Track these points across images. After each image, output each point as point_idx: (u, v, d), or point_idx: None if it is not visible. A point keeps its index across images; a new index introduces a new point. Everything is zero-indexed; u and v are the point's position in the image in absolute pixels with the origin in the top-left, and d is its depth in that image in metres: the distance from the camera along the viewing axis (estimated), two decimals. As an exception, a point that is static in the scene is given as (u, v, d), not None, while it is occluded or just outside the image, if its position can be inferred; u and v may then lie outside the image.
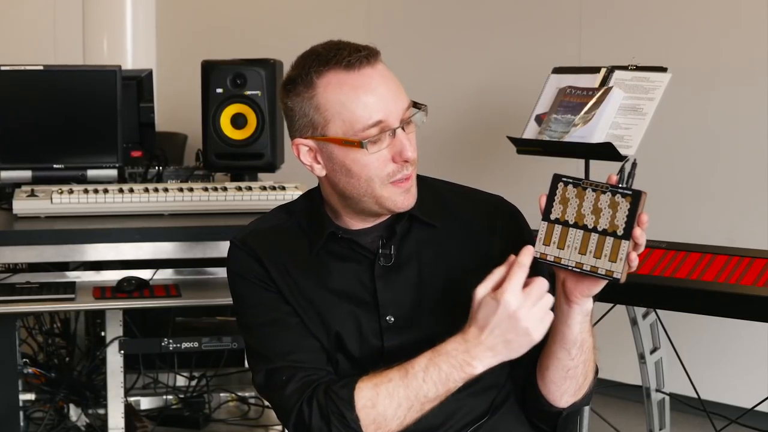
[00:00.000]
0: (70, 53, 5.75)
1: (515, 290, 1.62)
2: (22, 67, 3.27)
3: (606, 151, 2.77)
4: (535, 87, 3.06)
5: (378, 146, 1.73)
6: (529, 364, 1.76)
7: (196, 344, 3.13)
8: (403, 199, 1.77)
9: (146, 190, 3.04)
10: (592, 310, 1.72)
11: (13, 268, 3.20)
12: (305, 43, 1.82)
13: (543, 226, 1.68)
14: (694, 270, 2.59)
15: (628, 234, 1.60)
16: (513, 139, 2.98)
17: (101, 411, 3.46)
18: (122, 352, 3.29)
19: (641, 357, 3.21)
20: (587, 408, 2.49)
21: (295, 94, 1.76)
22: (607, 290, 1.67)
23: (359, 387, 1.70)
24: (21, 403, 3.35)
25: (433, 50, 4.65)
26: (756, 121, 3.72)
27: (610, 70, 2.94)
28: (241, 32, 5.48)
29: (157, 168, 3.52)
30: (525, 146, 2.97)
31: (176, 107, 5.07)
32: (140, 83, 3.56)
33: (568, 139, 2.87)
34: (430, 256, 1.83)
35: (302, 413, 1.72)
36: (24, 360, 3.48)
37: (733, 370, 3.82)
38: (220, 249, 2.84)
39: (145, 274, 3.07)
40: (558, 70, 3.05)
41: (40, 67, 3.30)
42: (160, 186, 3.09)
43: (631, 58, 2.95)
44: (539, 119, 2.98)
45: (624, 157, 1.92)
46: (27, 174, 3.26)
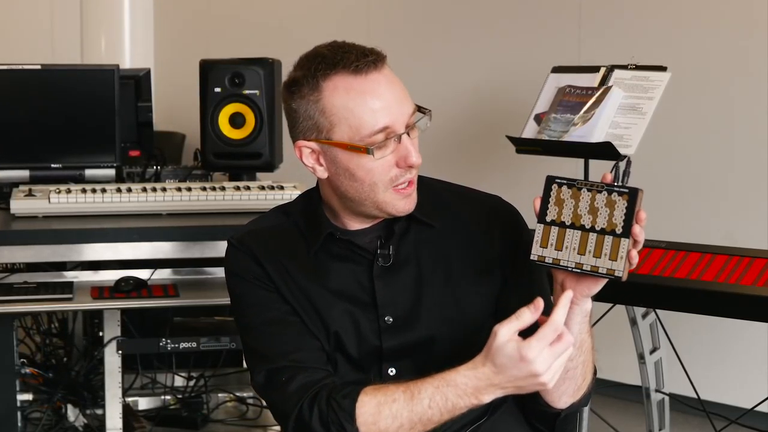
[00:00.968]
0: (68, 52, 5.74)
1: (545, 355, 1.58)
2: (20, 67, 3.27)
3: (605, 151, 2.77)
4: (535, 86, 3.06)
5: (383, 152, 1.72)
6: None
7: (195, 344, 3.12)
8: (404, 204, 1.77)
9: (144, 190, 3.03)
10: (591, 311, 1.71)
11: (11, 268, 3.19)
12: (304, 43, 1.81)
13: (539, 229, 1.67)
14: (694, 270, 2.58)
15: (627, 232, 1.60)
16: (512, 139, 2.97)
17: (99, 411, 3.45)
18: (120, 352, 3.27)
19: (641, 357, 3.21)
20: (587, 408, 2.48)
21: (299, 95, 1.75)
22: (607, 290, 1.67)
23: (361, 401, 1.69)
24: (19, 404, 3.34)
25: (433, 49, 4.64)
26: (755, 120, 3.71)
27: (610, 70, 2.93)
28: (239, 31, 5.47)
29: (155, 167, 3.51)
30: (524, 146, 2.97)
31: (174, 106, 5.06)
32: (138, 82, 3.56)
33: (567, 138, 2.86)
34: (428, 256, 1.82)
35: (303, 414, 1.72)
36: (22, 360, 3.47)
37: (733, 370, 3.81)
38: (219, 249, 2.82)
39: (143, 274, 3.06)
40: (557, 70, 3.04)
41: (38, 67, 3.30)
42: (158, 186, 3.08)
43: (631, 58, 2.94)
44: (538, 119, 2.97)
45: (623, 157, 1.92)
46: (24, 173, 3.25)
